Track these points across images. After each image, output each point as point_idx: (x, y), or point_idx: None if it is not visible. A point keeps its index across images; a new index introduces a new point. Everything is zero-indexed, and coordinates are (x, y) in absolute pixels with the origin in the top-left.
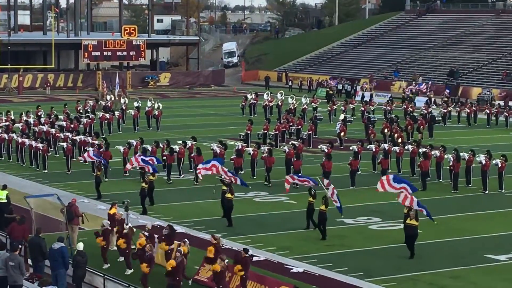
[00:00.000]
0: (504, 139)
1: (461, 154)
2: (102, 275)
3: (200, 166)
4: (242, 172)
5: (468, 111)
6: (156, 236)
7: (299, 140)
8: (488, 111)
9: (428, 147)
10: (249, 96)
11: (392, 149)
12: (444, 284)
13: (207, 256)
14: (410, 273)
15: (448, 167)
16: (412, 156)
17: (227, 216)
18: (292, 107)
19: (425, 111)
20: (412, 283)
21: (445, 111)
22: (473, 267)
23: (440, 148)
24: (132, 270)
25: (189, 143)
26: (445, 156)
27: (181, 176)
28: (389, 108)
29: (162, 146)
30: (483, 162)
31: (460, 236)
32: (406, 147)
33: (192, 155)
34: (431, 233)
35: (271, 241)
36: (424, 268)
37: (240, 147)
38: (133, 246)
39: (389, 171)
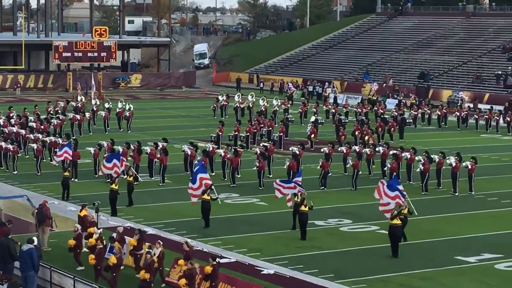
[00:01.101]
0: (474, 141)
1: (432, 156)
2: (72, 276)
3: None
4: (213, 173)
5: (439, 113)
6: (126, 237)
7: (270, 141)
8: (458, 113)
9: (399, 149)
10: (220, 97)
11: (363, 151)
12: (415, 285)
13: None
14: (381, 274)
15: (419, 170)
16: (383, 158)
17: (204, 217)
18: (263, 109)
19: (396, 113)
20: (382, 284)
21: (416, 113)
22: (443, 269)
23: (411, 150)
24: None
25: (160, 144)
26: (416, 158)
27: (152, 178)
28: (360, 110)
29: (133, 148)
30: (453, 164)
31: (430, 238)
32: (377, 149)
33: (159, 156)
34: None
35: (242, 243)
36: (394, 269)
37: (210, 148)
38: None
39: (360, 173)
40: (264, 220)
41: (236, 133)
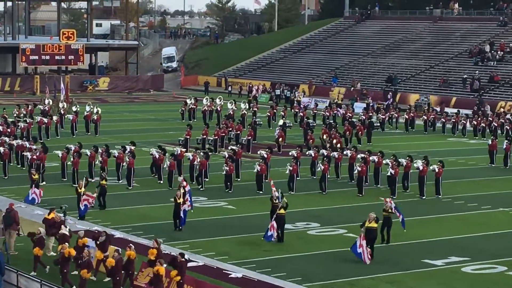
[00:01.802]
0: (441, 145)
1: (400, 160)
2: (39, 280)
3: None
4: (181, 177)
5: (407, 117)
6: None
7: (238, 145)
8: (425, 117)
9: (366, 152)
10: (188, 101)
11: (331, 154)
12: None
13: (150, 259)
14: (349, 278)
15: (389, 173)
16: (350, 162)
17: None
18: (232, 112)
19: (364, 117)
20: None
21: (383, 117)
22: (410, 272)
23: (379, 153)
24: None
25: (128, 148)
26: (383, 162)
27: (120, 181)
28: (328, 114)
29: (100, 151)
30: (421, 167)
31: (397, 241)
32: (344, 153)
33: (128, 159)
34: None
35: (210, 246)
36: (362, 273)
37: (179, 152)
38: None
39: (328, 176)
40: (232, 224)
41: (204, 136)
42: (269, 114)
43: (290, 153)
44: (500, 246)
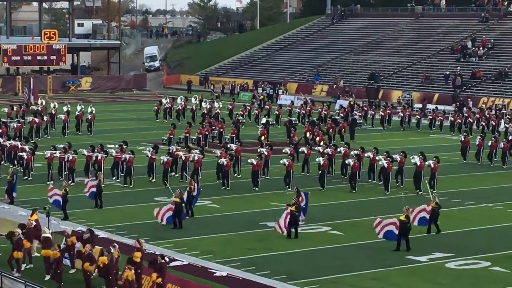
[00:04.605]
0: (425, 142)
1: (394, 156)
2: (23, 282)
3: None
4: (176, 175)
5: (382, 114)
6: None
7: (237, 142)
8: (401, 114)
9: (360, 149)
10: (164, 100)
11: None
12: (366, 286)
13: (134, 261)
14: (333, 275)
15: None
16: (344, 159)
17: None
18: (218, 111)
19: (342, 115)
20: (334, 285)
21: (360, 114)
22: (394, 269)
23: (373, 150)
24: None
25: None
26: (377, 158)
27: (116, 180)
28: (304, 112)
29: (97, 151)
30: (418, 163)
31: (381, 238)
32: (338, 149)
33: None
34: (353, 235)
35: (194, 245)
36: (346, 270)
37: (174, 150)
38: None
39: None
40: (216, 222)
41: (187, 135)
42: (256, 112)
43: (283, 151)
44: (484, 241)
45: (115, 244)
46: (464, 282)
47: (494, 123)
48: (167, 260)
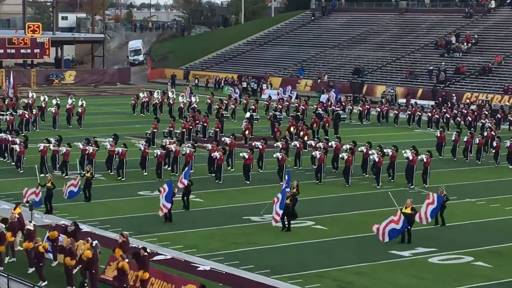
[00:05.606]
0: (407, 137)
1: (385, 150)
2: (6, 275)
3: None
4: (169, 168)
5: (361, 109)
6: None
7: (231, 136)
8: (379, 109)
9: (352, 143)
10: (141, 94)
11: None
12: (350, 280)
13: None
14: (316, 269)
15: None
16: (335, 153)
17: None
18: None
19: (321, 110)
20: (318, 279)
21: (339, 109)
22: (378, 263)
23: (366, 144)
24: (34, 269)
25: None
26: (370, 152)
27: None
28: (280, 107)
29: (91, 144)
30: (410, 157)
31: (365, 233)
32: (329, 144)
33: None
34: (337, 229)
35: (178, 239)
36: (330, 264)
37: (168, 143)
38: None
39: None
40: (199, 217)
41: (171, 129)
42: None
43: (275, 145)
44: (467, 236)
45: (89, 238)
46: (447, 277)
47: (470, 119)
48: (150, 252)
